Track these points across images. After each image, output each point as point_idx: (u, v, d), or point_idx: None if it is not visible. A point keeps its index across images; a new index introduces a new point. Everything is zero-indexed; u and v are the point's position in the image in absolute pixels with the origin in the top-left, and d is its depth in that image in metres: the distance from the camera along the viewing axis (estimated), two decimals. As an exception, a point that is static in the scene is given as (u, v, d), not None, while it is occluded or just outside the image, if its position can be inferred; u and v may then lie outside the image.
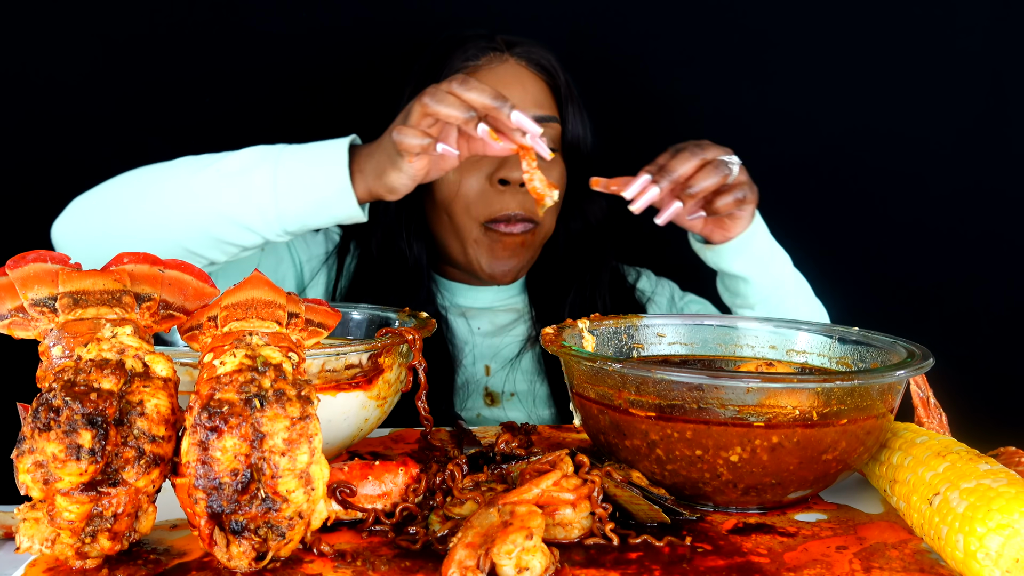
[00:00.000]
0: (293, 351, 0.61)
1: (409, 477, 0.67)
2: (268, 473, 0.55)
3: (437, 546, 0.60)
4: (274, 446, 0.55)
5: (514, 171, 1.08)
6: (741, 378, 0.63)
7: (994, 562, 0.55)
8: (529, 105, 1.11)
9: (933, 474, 0.62)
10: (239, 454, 0.55)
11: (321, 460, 0.57)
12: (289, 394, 0.56)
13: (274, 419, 0.55)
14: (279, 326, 0.62)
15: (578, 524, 0.63)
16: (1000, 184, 1.42)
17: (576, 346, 0.78)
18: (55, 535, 0.56)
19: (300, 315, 0.65)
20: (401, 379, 0.79)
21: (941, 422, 0.79)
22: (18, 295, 0.60)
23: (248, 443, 0.55)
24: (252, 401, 0.56)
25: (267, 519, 0.56)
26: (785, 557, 0.61)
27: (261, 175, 0.91)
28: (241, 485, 0.55)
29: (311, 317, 0.66)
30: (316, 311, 0.67)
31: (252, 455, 0.55)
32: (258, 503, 0.56)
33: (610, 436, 0.69)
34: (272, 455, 0.55)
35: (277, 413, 0.56)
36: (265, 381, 0.57)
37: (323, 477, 0.57)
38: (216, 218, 0.92)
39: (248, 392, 0.56)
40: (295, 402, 0.56)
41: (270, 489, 0.55)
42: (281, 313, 0.63)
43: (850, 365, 0.79)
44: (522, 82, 1.12)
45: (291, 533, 0.57)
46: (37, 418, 0.54)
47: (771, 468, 0.65)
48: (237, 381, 0.56)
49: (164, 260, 0.66)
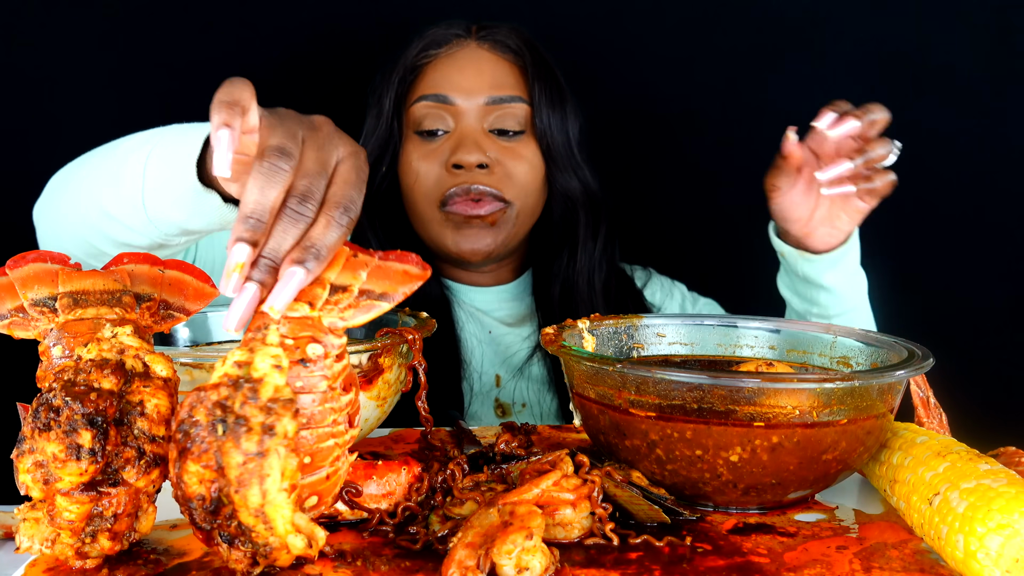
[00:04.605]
0: (316, 341, 0.55)
1: (412, 476, 0.67)
2: (227, 504, 0.52)
3: (437, 546, 0.60)
4: (229, 481, 0.51)
5: (469, 154, 1.09)
6: (741, 378, 0.63)
7: (994, 562, 0.54)
8: (485, 87, 1.11)
9: (933, 474, 0.62)
10: (204, 480, 0.52)
11: (278, 501, 0.52)
12: (252, 423, 0.51)
13: (228, 452, 0.51)
14: (310, 307, 0.56)
15: (578, 524, 0.63)
16: (1001, 184, 1.42)
17: (576, 346, 0.78)
18: (55, 535, 0.56)
19: (352, 286, 0.56)
20: (401, 379, 0.79)
21: (941, 422, 0.79)
22: (18, 295, 0.60)
23: (212, 470, 0.51)
24: (215, 426, 0.51)
25: (248, 537, 0.53)
26: (785, 557, 0.61)
27: (132, 167, 0.78)
28: (212, 507, 0.52)
29: (370, 286, 0.56)
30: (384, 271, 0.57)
31: (216, 482, 0.52)
32: (235, 523, 0.53)
33: (610, 436, 0.69)
34: (228, 487, 0.52)
35: (232, 446, 0.51)
36: (236, 401, 0.52)
37: (283, 517, 0.53)
38: (99, 215, 0.81)
39: (215, 415, 0.51)
40: (253, 433, 0.51)
41: (236, 517, 0.52)
42: (320, 291, 0.56)
43: (850, 365, 0.79)
44: (479, 65, 1.12)
45: (275, 554, 0.54)
46: (37, 418, 0.54)
47: (771, 468, 0.65)
48: (210, 399, 0.52)
49: (164, 260, 0.66)
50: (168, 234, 0.79)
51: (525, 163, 1.13)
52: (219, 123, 0.56)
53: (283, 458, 0.52)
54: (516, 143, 1.12)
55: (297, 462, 0.54)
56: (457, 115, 1.11)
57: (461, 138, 1.10)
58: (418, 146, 1.12)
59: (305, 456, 0.56)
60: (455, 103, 1.11)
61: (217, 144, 0.56)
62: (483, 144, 1.10)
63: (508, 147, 1.12)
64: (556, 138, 1.14)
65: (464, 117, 1.11)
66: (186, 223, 0.77)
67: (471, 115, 1.11)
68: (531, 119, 1.13)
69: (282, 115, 0.59)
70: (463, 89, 1.11)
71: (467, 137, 1.10)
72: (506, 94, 1.12)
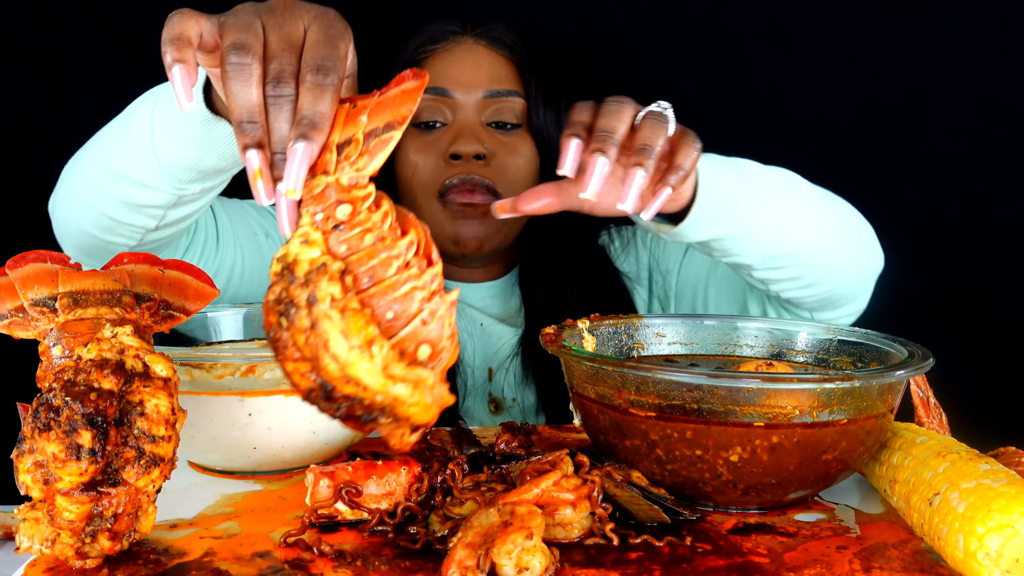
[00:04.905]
0: (342, 203, 0.55)
1: (412, 476, 0.67)
2: (332, 385, 0.52)
3: (437, 546, 0.60)
4: (313, 361, 0.52)
5: (467, 145, 1.09)
6: (741, 378, 0.63)
7: (994, 562, 0.54)
8: (483, 81, 1.12)
9: (933, 474, 0.62)
10: (302, 373, 0.52)
11: (354, 359, 0.52)
12: (298, 301, 0.52)
13: (296, 336, 0.52)
14: (327, 175, 0.55)
15: (578, 524, 0.63)
16: (1001, 184, 1.42)
17: (576, 346, 0.78)
18: (55, 535, 0.56)
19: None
20: (401, 379, 0.78)
21: (941, 422, 0.79)
22: (18, 295, 0.60)
23: (299, 360, 0.52)
24: (280, 321, 0.52)
25: (363, 407, 0.53)
26: (785, 557, 0.61)
27: (140, 117, 0.78)
28: (324, 394, 0.53)
29: (373, 125, 0.56)
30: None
31: (311, 370, 0.52)
32: (346, 400, 0.53)
33: (610, 436, 0.69)
34: (317, 367, 0.52)
35: (296, 330, 0.52)
36: (283, 290, 0.53)
37: (368, 372, 0.52)
38: (112, 180, 0.81)
39: (277, 311, 0.52)
40: (301, 309, 0.52)
41: (341, 393, 0.53)
42: (329, 156, 0.55)
43: (850, 365, 0.79)
44: (477, 60, 1.13)
45: (401, 411, 0.53)
46: (37, 418, 0.54)
47: (771, 468, 0.65)
48: (269, 301, 0.53)
49: (164, 260, 0.66)
50: (182, 181, 0.78)
51: (521, 158, 1.13)
52: (170, 62, 0.56)
53: (340, 320, 0.52)
54: (513, 137, 1.13)
55: (366, 320, 0.53)
56: (455, 108, 1.12)
57: (459, 130, 1.11)
58: (415, 138, 1.13)
59: (387, 312, 0.54)
60: (453, 96, 1.11)
61: (173, 81, 0.56)
62: (481, 136, 1.11)
63: (505, 141, 1.13)
64: (551, 134, 1.15)
65: (462, 110, 1.11)
66: (199, 162, 0.76)
67: (469, 108, 1.12)
68: (527, 114, 1.14)
69: (236, 11, 0.59)
70: (461, 83, 1.11)
71: (465, 129, 1.11)
72: (503, 88, 1.12)
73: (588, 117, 0.71)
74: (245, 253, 1.07)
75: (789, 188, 0.89)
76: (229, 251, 1.04)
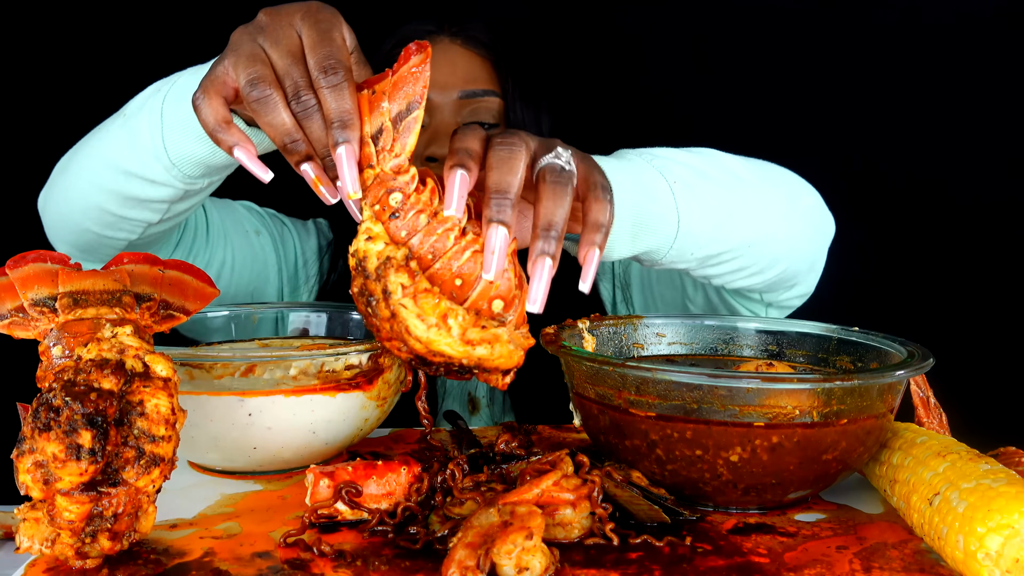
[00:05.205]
0: (391, 192, 0.60)
1: (411, 476, 0.67)
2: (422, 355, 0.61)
3: (437, 546, 0.60)
4: (401, 338, 0.60)
5: (442, 148, 1.09)
6: (741, 378, 0.63)
7: (994, 562, 0.54)
8: (459, 82, 1.11)
9: (933, 474, 0.62)
10: (399, 350, 0.61)
11: (434, 337, 0.59)
12: (376, 294, 0.59)
13: (383, 324, 0.60)
14: (372, 168, 0.61)
15: (578, 524, 0.62)
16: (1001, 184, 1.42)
17: (576, 346, 0.78)
18: (55, 535, 0.56)
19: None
20: (401, 379, 0.79)
21: (941, 422, 0.79)
22: (18, 295, 0.60)
23: (392, 340, 0.60)
24: (367, 312, 0.60)
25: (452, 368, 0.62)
26: (785, 557, 0.61)
27: (148, 113, 0.78)
28: (419, 361, 0.62)
29: (397, 108, 0.60)
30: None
31: (402, 346, 0.60)
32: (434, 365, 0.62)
33: (610, 436, 0.69)
34: (406, 344, 0.60)
35: (380, 320, 0.59)
36: (362, 285, 0.60)
37: (449, 346, 0.59)
38: (115, 177, 0.81)
39: (362, 303, 0.60)
40: (380, 302, 0.59)
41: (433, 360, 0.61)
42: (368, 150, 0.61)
43: (850, 365, 0.79)
44: (452, 60, 1.12)
45: (486, 363, 0.61)
46: (37, 418, 0.54)
47: (771, 468, 0.65)
48: (354, 293, 0.61)
49: (164, 260, 0.66)
50: (191, 176, 0.78)
51: None
52: (227, 148, 0.63)
53: (414, 305, 0.58)
54: None
55: (437, 297, 0.59)
56: (431, 110, 1.11)
57: (435, 132, 1.10)
58: None
59: (455, 280, 0.60)
60: (429, 98, 1.11)
61: (242, 163, 0.63)
62: None
63: None
64: (530, 133, 1.14)
65: (438, 112, 1.11)
66: (210, 157, 0.76)
67: (445, 110, 1.11)
68: (505, 113, 1.13)
69: (234, 44, 0.62)
70: (436, 84, 1.11)
71: (441, 131, 1.10)
72: (479, 88, 1.11)
73: (478, 147, 0.63)
74: (236, 248, 1.07)
75: (721, 175, 0.79)
76: (219, 246, 1.04)
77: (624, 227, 0.72)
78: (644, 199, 0.73)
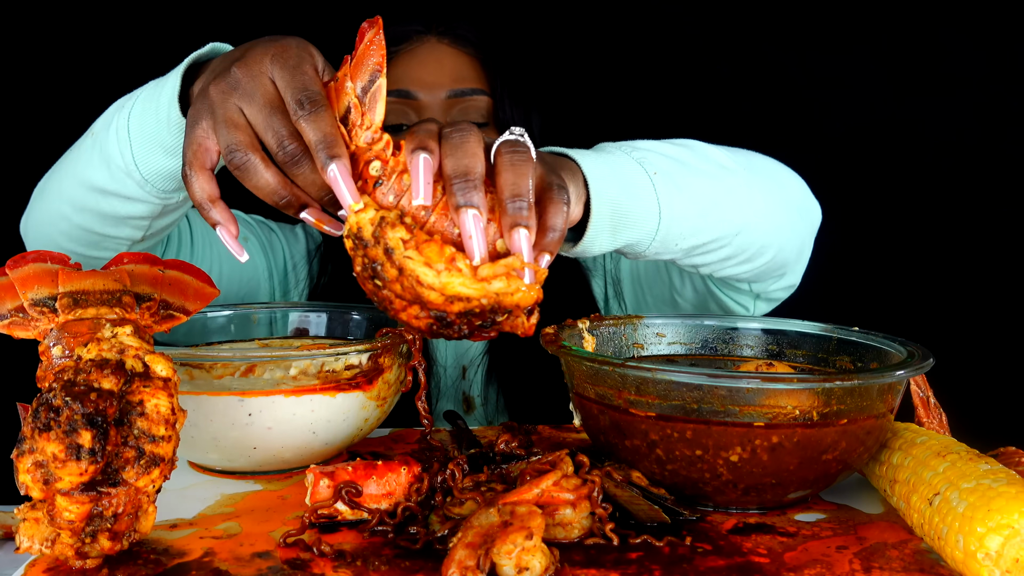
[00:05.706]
0: (369, 161, 0.60)
1: (412, 476, 0.67)
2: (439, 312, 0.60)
3: (437, 546, 0.60)
4: (416, 299, 0.59)
5: None
6: (741, 378, 0.63)
7: (994, 562, 0.54)
8: (446, 81, 1.10)
9: (933, 474, 0.62)
10: (417, 317, 0.60)
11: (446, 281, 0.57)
12: (379, 258, 0.59)
13: (393, 287, 0.59)
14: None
15: (578, 524, 0.62)
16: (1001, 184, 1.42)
17: (576, 346, 0.78)
18: (55, 535, 0.56)
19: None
20: (401, 379, 0.79)
21: (941, 422, 0.79)
22: (18, 295, 0.60)
23: (411, 304, 0.59)
24: (373, 280, 0.59)
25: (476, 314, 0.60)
26: (785, 557, 0.61)
27: (116, 130, 0.77)
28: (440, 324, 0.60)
29: (360, 85, 0.60)
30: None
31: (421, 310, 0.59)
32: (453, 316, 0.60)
33: (610, 436, 0.69)
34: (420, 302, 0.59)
35: (385, 283, 0.59)
36: (364, 254, 0.59)
37: (464, 285, 0.58)
38: (92, 197, 0.80)
39: (368, 274, 0.59)
40: (384, 263, 0.58)
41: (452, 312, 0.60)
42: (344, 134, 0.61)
43: (850, 365, 0.79)
44: (440, 59, 1.12)
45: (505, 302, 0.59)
46: (37, 418, 0.54)
47: (771, 468, 0.65)
48: (357, 267, 0.60)
49: (164, 260, 0.67)
50: (166, 191, 0.78)
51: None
52: (212, 223, 0.64)
53: (419, 255, 0.58)
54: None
55: (439, 244, 0.58)
56: (420, 109, 1.10)
57: None
58: None
59: (452, 228, 0.60)
60: (417, 97, 1.10)
61: (223, 240, 0.64)
62: None
63: None
64: None
65: (427, 111, 1.10)
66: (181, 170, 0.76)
67: (433, 109, 1.10)
68: (493, 112, 1.12)
69: (212, 105, 0.62)
70: (425, 84, 1.10)
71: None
72: (467, 87, 1.11)
73: (435, 128, 0.62)
74: (223, 256, 1.07)
75: (703, 165, 0.79)
76: (206, 255, 1.04)
77: (603, 221, 0.71)
78: (624, 192, 0.72)
